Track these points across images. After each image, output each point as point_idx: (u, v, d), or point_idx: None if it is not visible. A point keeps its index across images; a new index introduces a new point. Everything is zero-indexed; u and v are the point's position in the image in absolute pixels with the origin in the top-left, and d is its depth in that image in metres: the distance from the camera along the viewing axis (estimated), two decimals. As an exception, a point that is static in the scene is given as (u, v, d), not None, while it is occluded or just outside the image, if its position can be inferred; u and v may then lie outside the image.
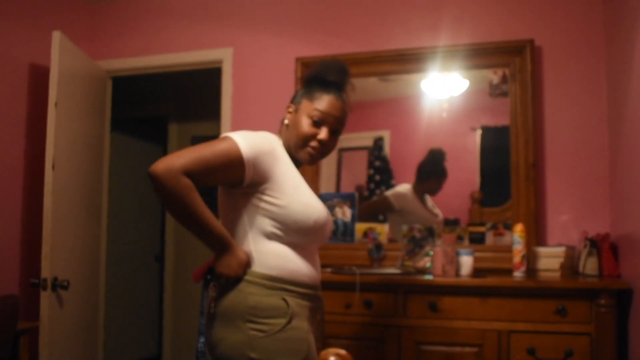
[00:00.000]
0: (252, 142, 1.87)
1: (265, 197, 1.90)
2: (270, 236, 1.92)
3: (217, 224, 1.85)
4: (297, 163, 2.05)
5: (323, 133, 1.99)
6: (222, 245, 1.88)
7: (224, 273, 1.88)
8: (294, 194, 1.92)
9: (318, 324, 2.07)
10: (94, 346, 4.09)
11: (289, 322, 1.85)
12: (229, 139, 1.86)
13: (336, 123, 2.02)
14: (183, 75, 4.48)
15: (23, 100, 3.82)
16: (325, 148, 2.03)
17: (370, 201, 3.76)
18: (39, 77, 3.87)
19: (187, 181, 1.76)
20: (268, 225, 1.91)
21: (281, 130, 2.09)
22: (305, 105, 2.01)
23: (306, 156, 2.02)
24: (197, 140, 5.52)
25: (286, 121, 2.07)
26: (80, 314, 3.82)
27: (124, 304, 5.56)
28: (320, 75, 2.05)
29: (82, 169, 3.89)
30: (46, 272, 3.35)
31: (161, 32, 4.25)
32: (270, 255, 1.91)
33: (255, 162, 1.85)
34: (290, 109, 2.08)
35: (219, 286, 1.92)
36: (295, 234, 1.92)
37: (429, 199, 3.64)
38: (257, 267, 1.90)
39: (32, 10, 3.90)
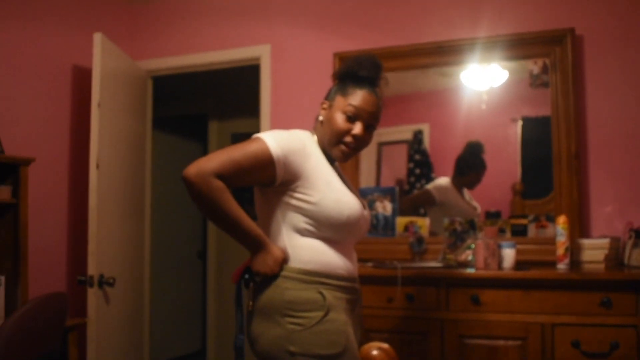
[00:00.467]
0: (281, 141, 1.88)
1: (297, 195, 1.91)
2: (304, 232, 1.93)
3: (251, 223, 1.88)
4: (332, 159, 2.06)
5: (357, 128, 1.99)
6: (257, 244, 1.91)
7: (261, 271, 1.91)
8: (326, 190, 1.92)
9: (357, 317, 2.08)
10: (139, 341, 4.17)
11: (326, 314, 1.86)
12: (259, 139, 1.88)
13: (370, 118, 2.02)
14: (222, 73, 4.51)
15: (67, 101, 3.91)
16: (359, 143, 2.02)
17: (412, 195, 3.74)
18: (81, 79, 3.95)
19: (219, 183, 1.79)
20: (301, 221, 1.93)
21: (316, 127, 2.10)
22: (339, 101, 2.02)
23: (339, 153, 2.02)
24: (237, 137, 5.57)
25: (320, 117, 2.07)
26: (126, 310, 3.89)
27: (168, 300, 5.64)
28: (353, 71, 2.04)
29: (126, 167, 3.96)
30: (92, 269, 3.43)
31: (199, 31, 4.29)
32: (304, 249, 1.93)
33: (286, 161, 1.87)
34: (325, 106, 2.08)
35: (257, 284, 1.95)
36: (328, 229, 1.93)
37: (466, 192, 3.61)
38: (292, 262, 1.92)
39: (73, 13, 3.98)
